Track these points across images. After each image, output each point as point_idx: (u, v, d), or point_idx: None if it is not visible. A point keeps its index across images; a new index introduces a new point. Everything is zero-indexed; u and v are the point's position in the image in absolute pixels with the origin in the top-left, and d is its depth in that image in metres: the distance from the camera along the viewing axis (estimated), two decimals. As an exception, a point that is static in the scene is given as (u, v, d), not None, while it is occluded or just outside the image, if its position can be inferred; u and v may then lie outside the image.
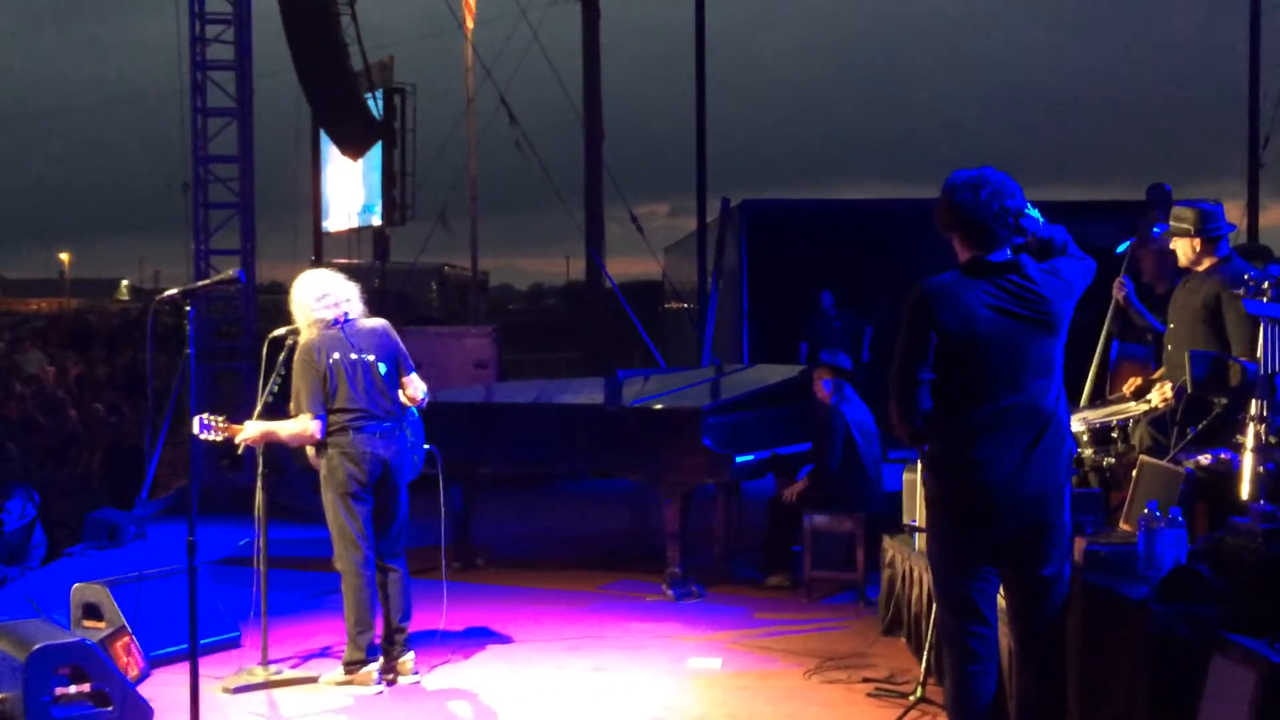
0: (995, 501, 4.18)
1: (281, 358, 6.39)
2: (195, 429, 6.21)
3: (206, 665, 6.58)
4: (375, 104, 17.52)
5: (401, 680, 6.42)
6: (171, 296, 5.11)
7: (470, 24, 18.69)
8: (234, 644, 7.05)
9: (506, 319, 30.38)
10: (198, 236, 12.49)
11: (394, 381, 6.41)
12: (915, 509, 6.71)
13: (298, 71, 14.83)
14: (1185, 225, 6.14)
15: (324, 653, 6.97)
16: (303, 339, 6.33)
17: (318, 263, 23.72)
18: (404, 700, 6.26)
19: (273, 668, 6.48)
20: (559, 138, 21.32)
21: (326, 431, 6.24)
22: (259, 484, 6.47)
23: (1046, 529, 4.23)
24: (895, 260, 13.23)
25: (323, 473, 6.34)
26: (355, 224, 20.36)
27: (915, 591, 6.65)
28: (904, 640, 6.86)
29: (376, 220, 19.42)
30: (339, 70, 14.80)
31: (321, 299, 6.34)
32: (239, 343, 12.60)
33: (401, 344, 6.52)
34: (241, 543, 9.41)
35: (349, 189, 20.30)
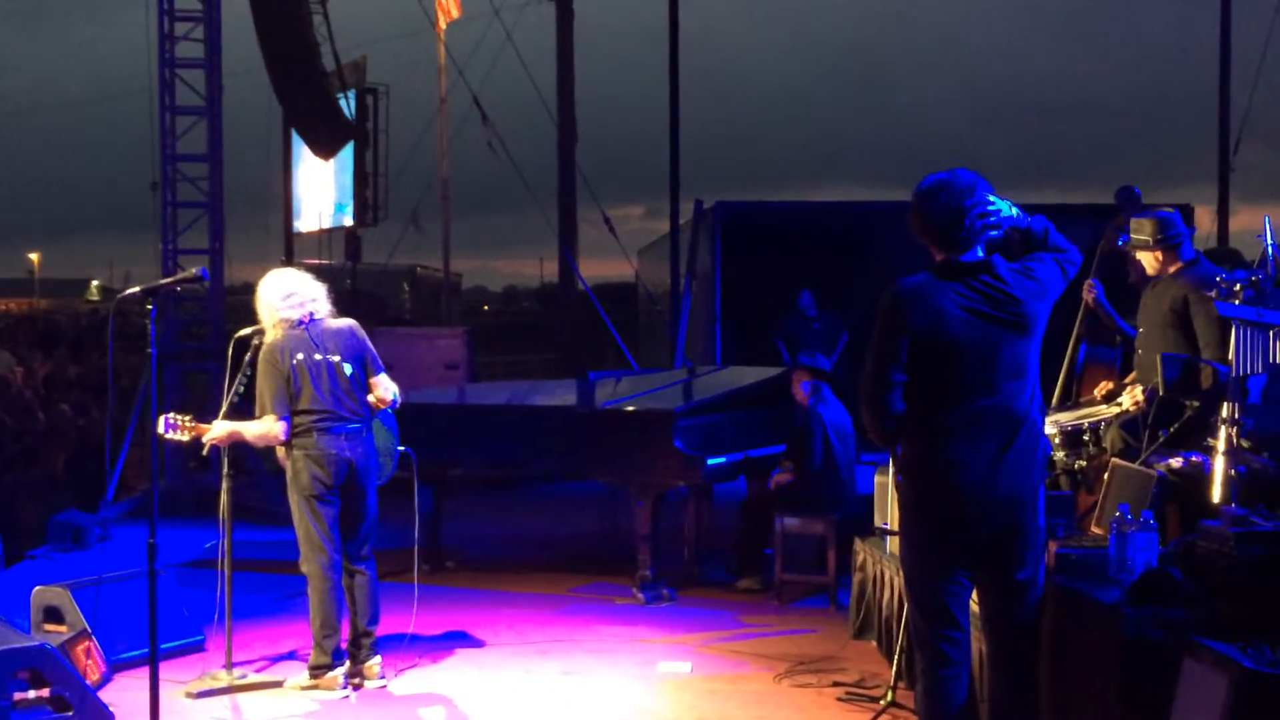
0: (968, 504, 4.13)
1: (248, 358, 6.31)
2: (160, 428, 6.13)
3: (170, 669, 6.52)
4: (348, 104, 17.44)
5: (368, 684, 6.35)
6: (133, 295, 5.03)
7: (443, 23, 18.63)
8: (198, 648, 6.95)
9: (480, 321, 30.31)
10: (165, 236, 12.37)
11: (360, 382, 6.34)
12: (887, 512, 6.68)
13: (269, 71, 14.73)
14: (1144, 237, 6.14)
15: (290, 656, 6.89)
16: (267, 339, 6.25)
17: (289, 263, 23.66)
18: (370, 705, 6.19)
19: (237, 672, 6.40)
20: (533, 139, 21.29)
21: (291, 433, 6.16)
22: (224, 486, 6.38)
23: (1020, 532, 4.19)
24: (869, 262, 13.22)
25: (288, 475, 6.27)
26: (328, 224, 20.29)
27: (886, 595, 6.61)
28: (875, 644, 6.82)
29: (348, 221, 19.35)
30: (310, 70, 14.71)
31: (287, 298, 6.26)
32: (208, 343, 12.49)
33: (370, 344, 6.45)
34: (208, 545, 9.34)
35: (321, 189, 20.22)
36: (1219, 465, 4.97)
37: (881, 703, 5.84)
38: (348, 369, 6.27)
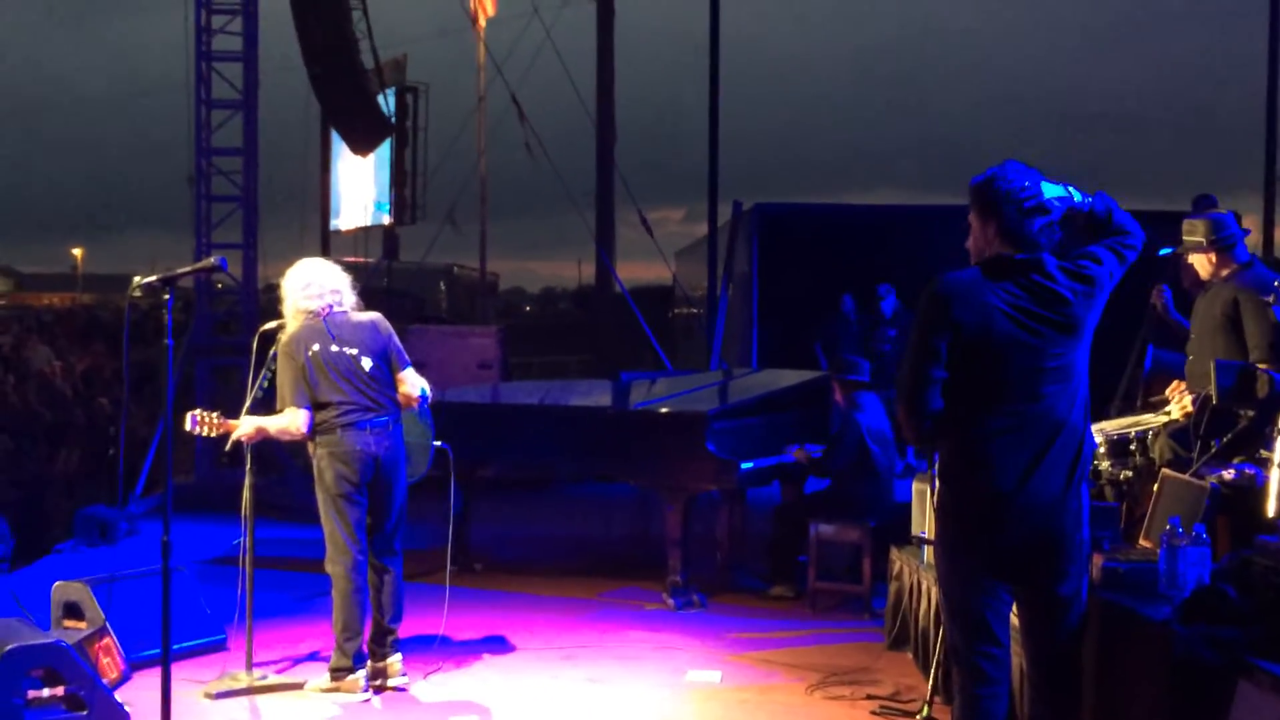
0: (1002, 507, 3.93)
1: (271, 352, 6.19)
2: (186, 425, 6.03)
3: (190, 669, 6.43)
4: (386, 102, 17.36)
5: (390, 683, 6.21)
6: (150, 283, 4.90)
7: (483, 21, 18.53)
8: (220, 647, 6.84)
9: (517, 321, 30.22)
10: (200, 230, 12.31)
11: (383, 377, 6.18)
12: (925, 520, 6.49)
13: (307, 66, 14.67)
14: (1198, 238, 5.98)
15: (312, 657, 6.77)
16: (287, 331, 6.13)
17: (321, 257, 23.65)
18: (392, 709, 6.06)
19: (257, 673, 6.28)
20: (572, 140, 21.17)
21: (315, 429, 6.03)
22: (246, 482, 6.26)
23: (1060, 542, 3.97)
24: (906, 265, 13.08)
25: (315, 473, 6.13)
26: (368, 222, 20.20)
27: (923, 605, 6.41)
28: (911, 656, 6.63)
29: (388, 220, 19.27)
30: (349, 66, 14.62)
31: (306, 288, 6.14)
32: (240, 338, 12.41)
33: (395, 339, 6.30)
34: (234, 542, 9.20)
35: (361, 187, 20.16)
36: (1274, 478, 4.75)
37: (917, 718, 5.65)
38: (366, 363, 6.12)
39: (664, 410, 8.21)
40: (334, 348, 6.07)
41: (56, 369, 17.35)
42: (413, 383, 6.28)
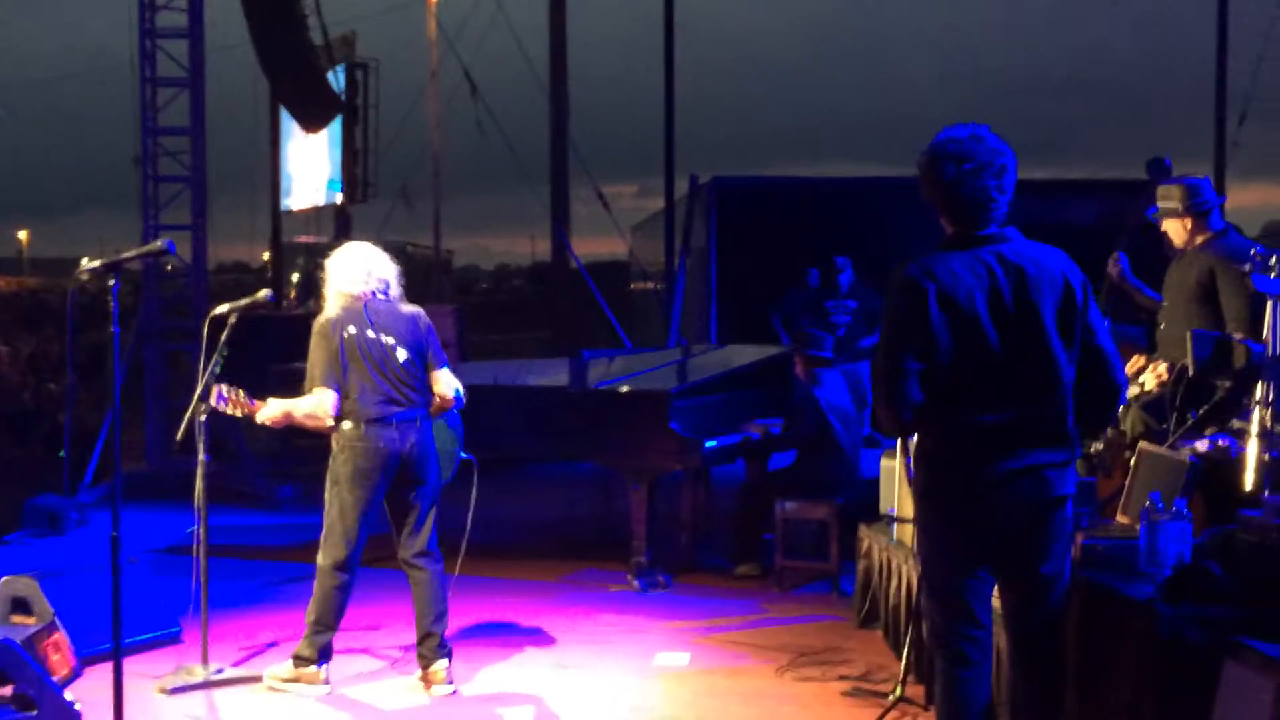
0: (994, 495, 3.81)
1: (224, 337, 5.99)
2: (212, 400, 5.85)
3: (144, 663, 6.25)
4: (336, 79, 17.09)
5: (434, 691, 5.91)
6: (94, 268, 4.71)
7: (434, -4, 18.28)
8: (174, 639, 6.64)
9: (472, 299, 29.98)
10: (147, 211, 12.03)
11: (417, 372, 5.93)
12: (895, 497, 6.39)
13: (255, 44, 14.39)
14: (1173, 204, 5.87)
15: (270, 647, 6.61)
16: (324, 313, 5.90)
17: (275, 240, 23.34)
18: (350, 703, 5.89)
19: (213, 665, 6.10)
20: (525, 117, 20.95)
21: (341, 415, 5.80)
22: (199, 471, 6.07)
23: (1046, 522, 3.87)
24: (865, 238, 13.01)
25: (330, 461, 5.91)
26: (321, 201, 19.93)
27: (894, 584, 6.32)
28: (881, 634, 6.54)
29: (341, 197, 19.02)
30: (297, 43, 14.35)
31: (352, 272, 5.93)
32: (191, 321, 12.15)
33: (435, 336, 6.06)
34: (188, 530, 9.01)
35: (314, 164, 19.88)
36: (1252, 449, 4.68)
37: (890, 698, 5.54)
38: (401, 354, 5.87)
39: (625, 389, 8.08)
40: (370, 333, 5.83)
41: (3, 354, 17.03)
42: (447, 383, 6.04)
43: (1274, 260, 4.70)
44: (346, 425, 5.81)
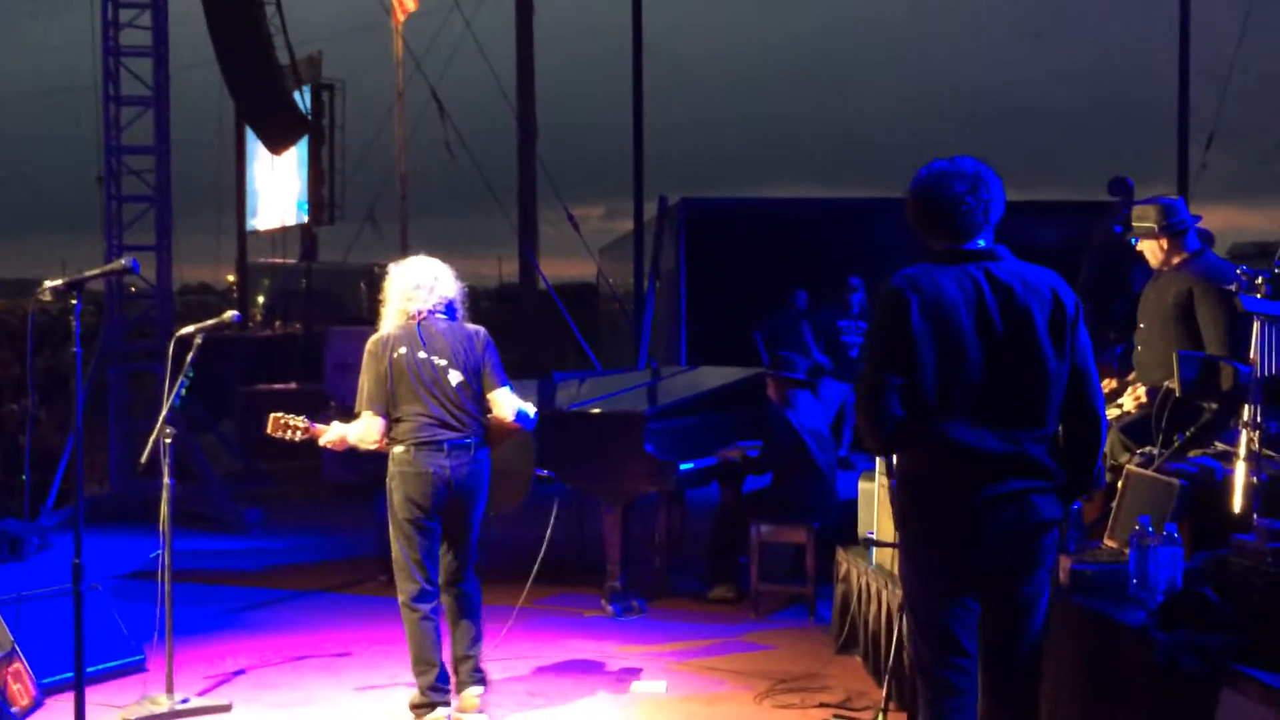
0: (978, 519, 3.72)
1: (189, 358, 5.85)
2: (269, 429, 5.70)
3: (106, 692, 6.08)
4: (303, 100, 16.98)
5: (464, 718, 5.75)
6: (56, 287, 4.58)
7: (401, 16, 18.16)
8: (138, 668, 6.47)
9: (438, 321, 29.78)
10: (110, 231, 11.85)
11: (472, 394, 5.70)
12: (873, 520, 6.31)
13: (220, 63, 14.26)
14: (1149, 224, 5.81)
15: (237, 675, 6.46)
16: (379, 331, 5.73)
17: (241, 261, 23.17)
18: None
19: (178, 695, 5.94)
20: (493, 138, 20.82)
21: (391, 440, 5.62)
22: (164, 495, 5.92)
23: (1033, 548, 3.78)
24: (832, 259, 12.97)
25: (386, 488, 5.72)
26: (290, 221, 19.79)
27: (873, 608, 6.23)
28: (860, 660, 6.45)
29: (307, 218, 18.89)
30: (263, 63, 14.22)
31: (415, 289, 5.70)
32: (155, 342, 11.97)
33: (495, 356, 5.79)
34: (152, 554, 8.86)
35: (282, 185, 19.73)
36: (1240, 471, 4.61)
37: (871, 726, 5.46)
38: (455, 377, 5.63)
39: (598, 411, 7.98)
40: (421, 354, 5.62)
41: (-37, 377, 16.78)
42: (506, 404, 5.75)
43: (1260, 280, 4.64)
44: (398, 449, 5.63)
